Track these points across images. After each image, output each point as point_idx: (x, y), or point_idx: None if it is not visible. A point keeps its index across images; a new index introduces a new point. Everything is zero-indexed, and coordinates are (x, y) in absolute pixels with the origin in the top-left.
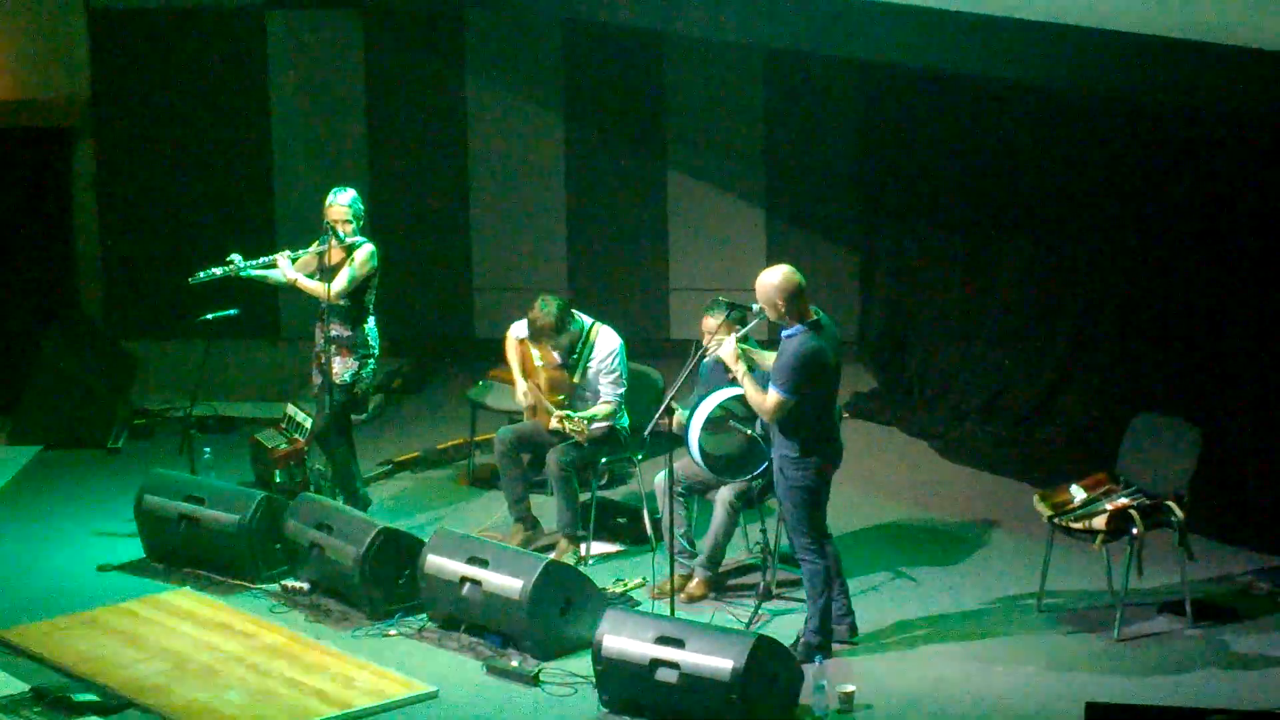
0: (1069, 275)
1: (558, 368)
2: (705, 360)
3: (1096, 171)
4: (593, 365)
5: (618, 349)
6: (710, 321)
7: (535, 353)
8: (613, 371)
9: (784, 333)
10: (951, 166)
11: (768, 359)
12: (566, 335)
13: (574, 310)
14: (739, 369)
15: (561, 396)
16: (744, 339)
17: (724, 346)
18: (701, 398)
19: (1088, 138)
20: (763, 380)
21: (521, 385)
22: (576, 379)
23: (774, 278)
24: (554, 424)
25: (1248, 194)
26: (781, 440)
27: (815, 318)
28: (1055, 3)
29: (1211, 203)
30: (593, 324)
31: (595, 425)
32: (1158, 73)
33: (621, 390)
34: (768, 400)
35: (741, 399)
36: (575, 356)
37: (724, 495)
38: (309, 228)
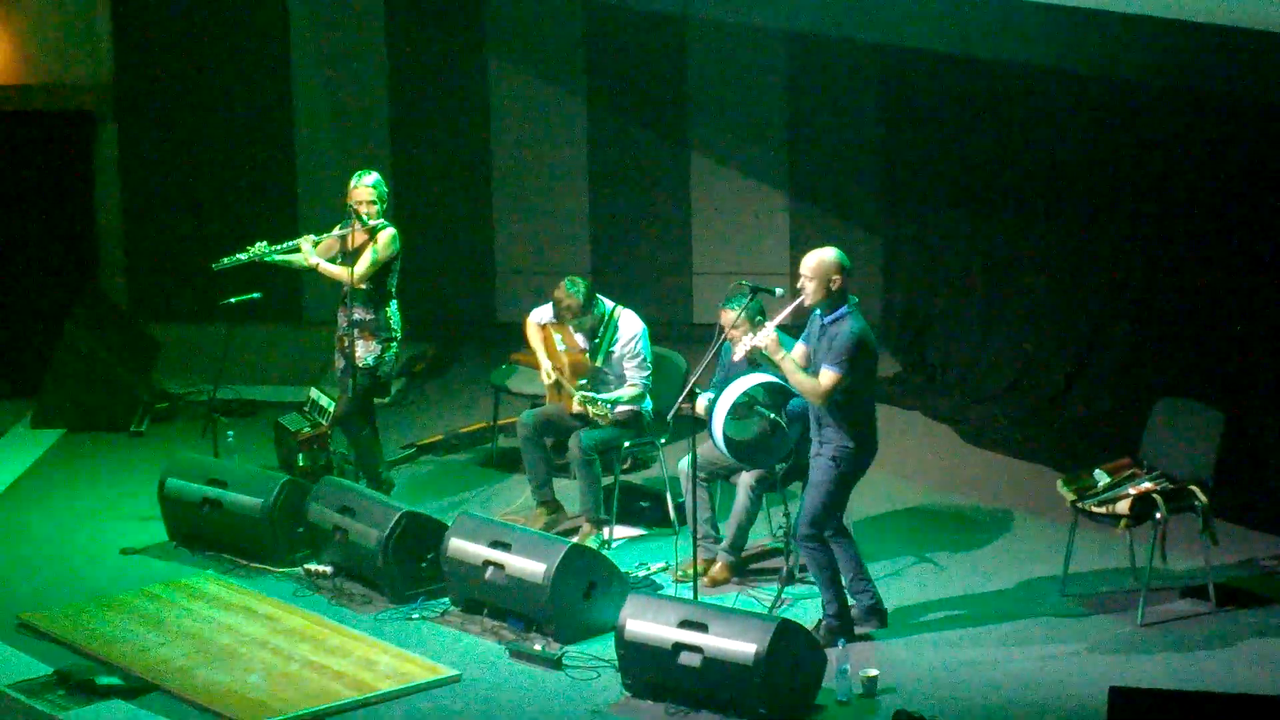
0: (1091, 259)
1: (580, 352)
2: (730, 347)
3: (1119, 156)
4: (616, 349)
5: (640, 333)
6: (729, 315)
7: (557, 337)
8: (636, 355)
9: (827, 317)
10: (974, 151)
11: (796, 352)
12: (590, 317)
13: (597, 294)
14: (780, 356)
15: (583, 380)
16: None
17: (761, 335)
18: (725, 384)
19: (1110, 123)
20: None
21: (546, 365)
22: (599, 363)
23: (830, 255)
24: (576, 407)
25: (1270, 179)
26: (838, 429)
27: (856, 300)
28: None
29: (1234, 187)
30: (614, 307)
31: (620, 408)
32: (1180, 58)
33: (647, 374)
34: (822, 381)
35: (766, 386)
36: (598, 340)
37: (746, 479)
38: (331, 210)
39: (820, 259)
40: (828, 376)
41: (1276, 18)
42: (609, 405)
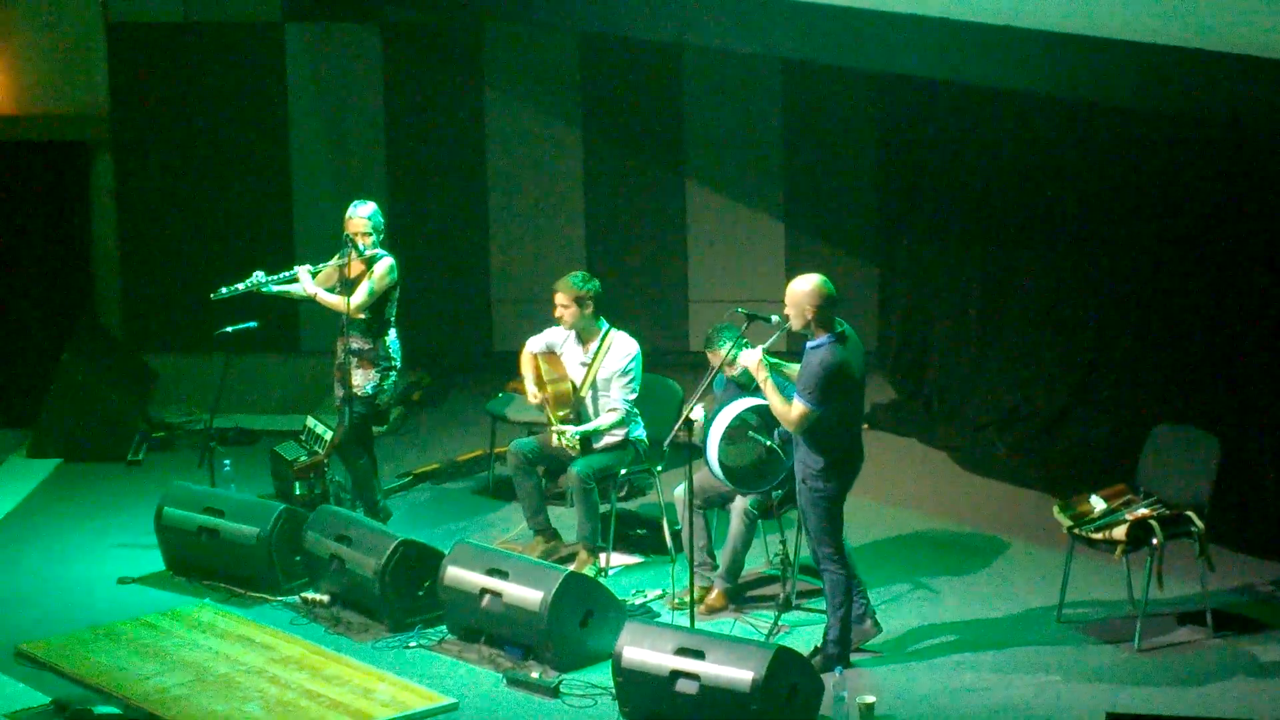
0: (1087, 286)
1: (566, 381)
2: (724, 375)
3: (1115, 182)
4: (606, 368)
5: (635, 353)
6: (719, 354)
7: (545, 367)
8: (626, 374)
9: (809, 344)
10: (970, 178)
11: (794, 370)
12: (583, 318)
13: (599, 310)
14: (762, 378)
15: (564, 412)
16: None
17: (748, 356)
18: (719, 410)
19: (1106, 149)
20: (783, 390)
21: (532, 389)
22: (584, 392)
23: (807, 285)
24: (554, 441)
25: (1266, 205)
26: (806, 452)
27: (840, 329)
28: (1073, 14)
29: (1229, 213)
30: (609, 329)
31: (606, 434)
32: (1176, 84)
33: (632, 398)
34: (792, 411)
35: (758, 410)
36: (587, 364)
37: (739, 505)
38: (328, 241)
39: (795, 290)
40: (797, 408)
41: (1268, 44)
42: (577, 435)
